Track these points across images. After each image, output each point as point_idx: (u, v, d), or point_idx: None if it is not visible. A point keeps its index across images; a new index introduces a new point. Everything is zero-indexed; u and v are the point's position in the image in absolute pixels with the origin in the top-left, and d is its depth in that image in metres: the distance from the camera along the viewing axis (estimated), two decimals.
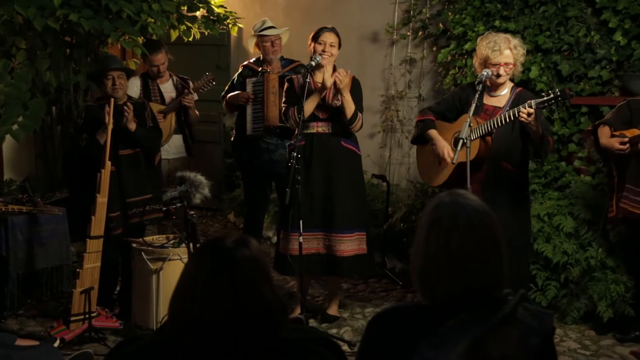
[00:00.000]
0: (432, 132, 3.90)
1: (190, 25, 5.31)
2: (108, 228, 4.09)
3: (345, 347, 3.89)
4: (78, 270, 3.93)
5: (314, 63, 4.10)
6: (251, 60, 5.13)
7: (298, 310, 4.16)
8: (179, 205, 3.58)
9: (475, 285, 1.54)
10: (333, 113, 4.16)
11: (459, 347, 1.44)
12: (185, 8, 5.22)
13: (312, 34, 4.18)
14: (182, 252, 3.87)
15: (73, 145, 4.31)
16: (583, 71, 4.74)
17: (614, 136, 3.79)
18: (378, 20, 6.10)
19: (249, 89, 4.96)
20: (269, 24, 4.97)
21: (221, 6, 5.58)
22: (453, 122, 3.90)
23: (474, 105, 3.59)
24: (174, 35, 5.32)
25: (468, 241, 1.54)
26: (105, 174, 3.96)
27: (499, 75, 3.72)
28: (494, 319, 1.50)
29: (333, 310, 4.42)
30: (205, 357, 1.54)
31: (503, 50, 3.70)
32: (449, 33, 5.57)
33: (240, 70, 5.14)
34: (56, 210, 4.18)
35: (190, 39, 5.41)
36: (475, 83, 3.72)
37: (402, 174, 6.06)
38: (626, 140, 3.72)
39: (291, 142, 4.22)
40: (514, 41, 3.75)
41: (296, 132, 4.03)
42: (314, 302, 4.71)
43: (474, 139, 3.68)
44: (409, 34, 5.97)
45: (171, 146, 5.09)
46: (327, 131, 4.20)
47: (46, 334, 3.88)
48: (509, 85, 3.83)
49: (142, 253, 3.93)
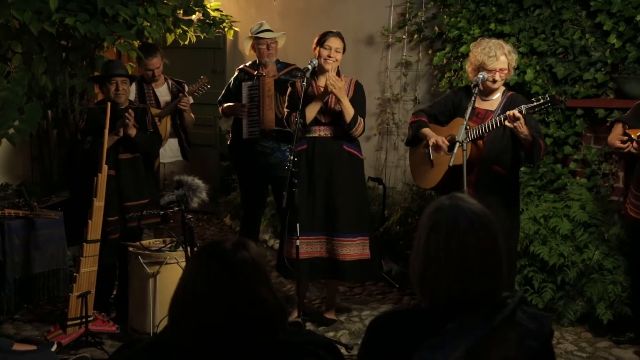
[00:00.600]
0: (426, 130, 3.92)
1: (186, 28, 5.31)
2: (105, 232, 4.09)
3: (342, 350, 3.89)
4: (75, 274, 3.92)
5: (310, 67, 4.10)
6: (247, 64, 5.13)
7: (296, 314, 4.16)
8: (177, 209, 3.58)
9: (475, 288, 1.55)
10: (335, 117, 4.17)
11: (459, 350, 1.44)
12: (181, 12, 5.22)
13: (318, 38, 4.18)
14: (179, 256, 3.86)
15: (74, 148, 4.31)
16: (578, 74, 4.75)
17: (626, 134, 3.78)
18: (374, 23, 6.12)
19: (245, 92, 4.96)
20: (266, 27, 4.98)
21: (217, 10, 5.59)
22: (445, 126, 3.92)
23: (470, 109, 3.60)
24: (170, 38, 5.32)
25: (468, 245, 1.55)
26: (102, 178, 3.95)
27: (494, 81, 3.75)
28: (494, 322, 1.50)
29: (330, 313, 4.43)
30: None
31: (499, 56, 3.72)
32: (444, 36, 5.58)
33: (236, 73, 5.14)
34: (53, 215, 4.18)
35: (187, 43, 5.41)
36: (472, 86, 3.73)
37: (398, 176, 6.07)
38: (625, 139, 3.71)
39: (290, 147, 4.22)
40: (508, 47, 3.78)
41: (295, 137, 4.03)
42: (311, 305, 4.70)
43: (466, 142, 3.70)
44: (404, 37, 5.98)
45: (167, 150, 5.09)
46: (330, 135, 4.21)
47: (43, 338, 3.87)
48: (501, 89, 3.85)
49: (139, 257, 3.93)
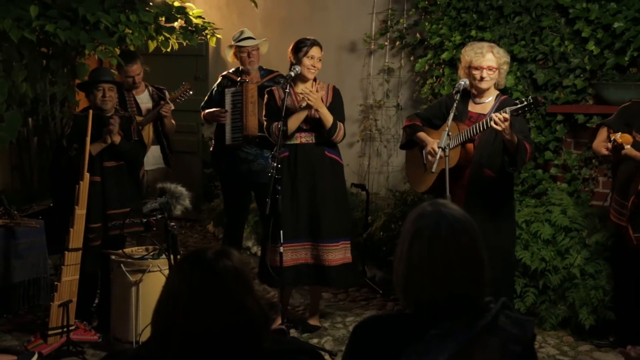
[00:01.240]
0: (422, 134, 3.93)
1: (168, 36, 5.29)
2: (88, 239, 4.06)
3: (326, 357, 3.89)
4: (56, 283, 3.89)
5: (293, 73, 4.11)
6: (230, 71, 5.13)
7: (279, 321, 4.15)
8: (159, 216, 3.56)
9: (457, 293, 1.55)
10: (316, 123, 4.17)
11: (442, 356, 1.45)
12: (164, 19, 5.21)
13: (295, 48, 4.17)
14: (162, 264, 3.84)
15: (59, 155, 4.28)
16: (558, 80, 4.80)
17: (609, 139, 3.80)
18: (356, 31, 6.14)
19: (228, 99, 4.95)
20: (247, 34, 4.97)
21: (199, 17, 5.57)
22: (439, 129, 3.93)
23: (452, 115, 3.62)
24: (152, 46, 5.30)
25: (450, 250, 1.56)
26: (84, 186, 3.93)
27: (482, 79, 3.75)
28: (477, 327, 1.51)
29: (314, 320, 4.42)
30: None
31: (485, 53, 3.75)
32: (426, 43, 5.62)
33: (219, 80, 5.13)
34: (33, 223, 4.14)
35: (169, 50, 5.39)
36: (453, 92, 3.76)
37: (381, 182, 6.09)
38: (609, 145, 3.72)
39: (273, 154, 4.22)
40: (498, 48, 3.81)
41: (278, 144, 4.03)
42: (294, 312, 4.70)
43: (454, 146, 3.71)
44: (386, 43, 6.01)
45: (149, 157, 5.06)
46: (311, 141, 4.21)
47: (23, 348, 3.83)
48: (494, 93, 3.85)
49: (122, 265, 3.90)
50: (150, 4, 5.11)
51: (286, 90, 4.07)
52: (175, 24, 5.38)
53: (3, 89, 4.46)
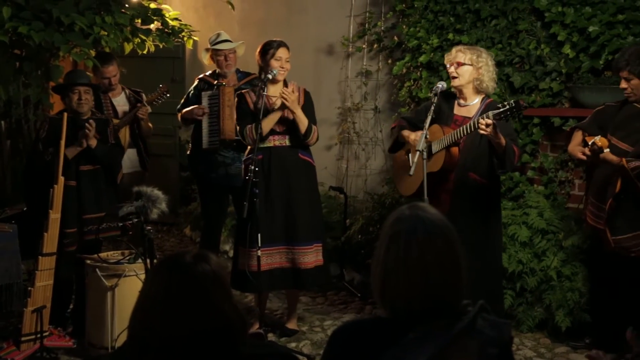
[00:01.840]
0: (405, 131, 3.95)
1: (144, 38, 5.26)
2: (63, 244, 4.02)
3: None
4: (29, 288, 3.84)
5: (270, 76, 4.11)
6: (207, 73, 5.11)
7: (257, 325, 4.14)
8: (136, 220, 3.54)
9: (434, 297, 1.56)
10: (290, 126, 4.18)
11: (420, 359, 1.46)
12: (140, 21, 5.17)
13: (262, 50, 4.18)
14: (138, 268, 3.82)
15: (34, 158, 4.23)
16: (534, 83, 4.86)
17: (584, 142, 3.84)
18: (333, 33, 6.15)
19: (205, 102, 4.94)
20: (223, 37, 4.96)
21: (176, 19, 5.54)
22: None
23: (429, 118, 3.64)
24: (128, 48, 5.27)
25: (427, 253, 1.57)
26: (59, 190, 3.89)
27: (451, 76, 3.80)
28: (455, 330, 1.52)
29: (292, 324, 4.42)
30: None
31: (455, 52, 3.80)
32: (403, 46, 5.65)
33: (195, 83, 5.11)
34: (6, 227, 4.08)
35: (145, 52, 5.36)
36: (431, 95, 3.78)
37: (360, 185, 6.10)
38: (587, 150, 3.74)
39: (248, 157, 4.21)
40: (479, 50, 3.82)
41: (252, 147, 4.02)
42: (272, 316, 4.69)
43: (438, 150, 3.73)
44: (364, 46, 6.04)
45: (125, 160, 5.01)
46: (285, 144, 4.22)
47: None
48: (480, 95, 3.87)
49: (97, 269, 3.87)
50: (126, 5, 5.07)
51: (263, 93, 4.07)
52: (152, 26, 5.34)
53: None
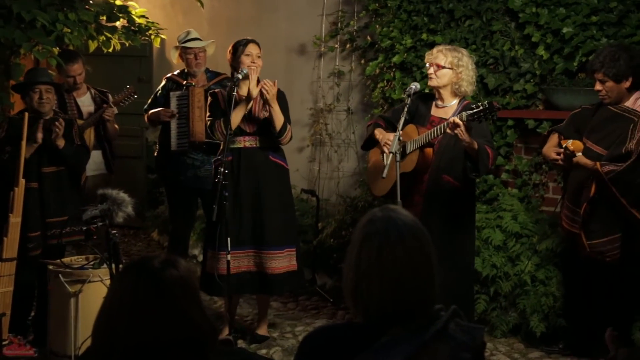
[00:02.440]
0: (378, 131, 3.95)
1: (109, 35, 5.21)
2: (27, 248, 3.97)
3: None
4: None
5: (241, 75, 4.10)
6: (175, 73, 5.08)
7: (226, 331, 4.13)
8: (101, 224, 3.50)
9: (407, 300, 1.58)
10: (261, 126, 4.17)
11: None
12: (105, 18, 5.13)
13: (232, 49, 4.18)
14: (103, 274, 3.78)
15: None
16: (508, 85, 4.92)
17: (560, 146, 3.88)
18: (305, 32, 6.16)
19: (173, 102, 4.91)
20: (193, 35, 4.94)
21: (142, 16, 5.51)
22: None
23: (402, 119, 3.66)
24: (93, 46, 5.21)
25: (399, 256, 1.58)
26: (19, 193, 3.83)
27: (429, 77, 3.83)
28: (427, 334, 1.54)
29: (262, 330, 4.41)
30: None
31: (435, 52, 3.83)
32: (376, 46, 5.68)
33: (163, 83, 5.08)
34: None
35: (110, 50, 5.31)
36: (405, 96, 3.81)
37: (332, 188, 6.12)
38: (561, 150, 3.81)
39: (217, 158, 4.20)
40: (460, 52, 3.84)
41: (222, 147, 4.01)
42: (242, 322, 4.68)
43: (411, 150, 3.76)
44: (336, 46, 6.05)
45: (90, 162, 4.94)
46: (255, 145, 4.21)
47: None
48: (456, 98, 3.89)
49: (60, 275, 3.82)
50: (91, 2, 5.03)
51: (233, 94, 4.06)
52: (117, 24, 5.30)
53: None
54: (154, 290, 1.54)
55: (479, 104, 3.51)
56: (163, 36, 5.70)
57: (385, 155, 3.91)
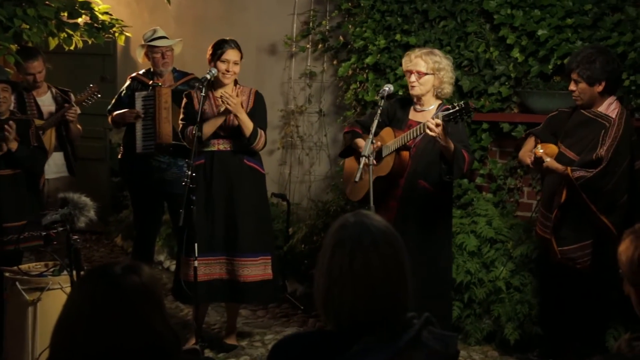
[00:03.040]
0: (359, 140, 3.95)
1: (71, 32, 5.14)
2: None
3: None
4: None
5: (208, 76, 4.07)
6: (140, 72, 5.04)
7: (193, 340, 4.10)
8: (61, 229, 3.45)
9: (379, 308, 1.58)
10: (235, 130, 4.14)
11: None
12: (66, 14, 5.06)
13: (212, 50, 4.14)
14: (64, 281, 3.72)
15: None
16: (483, 87, 4.96)
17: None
18: (276, 32, 6.15)
19: (139, 103, 4.86)
20: (160, 33, 4.90)
21: (106, 13, 5.45)
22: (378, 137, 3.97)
23: (376, 122, 3.67)
24: (53, 43, 5.14)
25: (372, 262, 1.58)
26: None
27: (412, 86, 3.83)
28: (400, 342, 1.54)
29: (231, 338, 4.39)
30: None
31: (414, 58, 3.83)
32: (349, 46, 5.69)
33: (128, 82, 5.04)
34: None
35: (72, 48, 5.25)
36: (377, 99, 3.82)
37: (303, 192, 6.11)
38: (533, 156, 3.83)
39: (187, 161, 4.16)
40: (436, 55, 3.86)
41: (193, 150, 3.98)
42: (210, 331, 4.65)
43: (387, 154, 3.76)
44: (308, 46, 6.06)
45: (51, 165, 4.91)
46: (229, 149, 4.18)
47: None
48: (437, 102, 3.91)
49: (17, 283, 3.75)
50: None
51: (202, 94, 4.03)
52: (79, 20, 5.24)
53: None
54: (114, 298, 1.53)
55: (455, 104, 3.53)
56: (128, 34, 5.64)
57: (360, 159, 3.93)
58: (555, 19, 4.67)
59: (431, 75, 3.82)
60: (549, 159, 3.67)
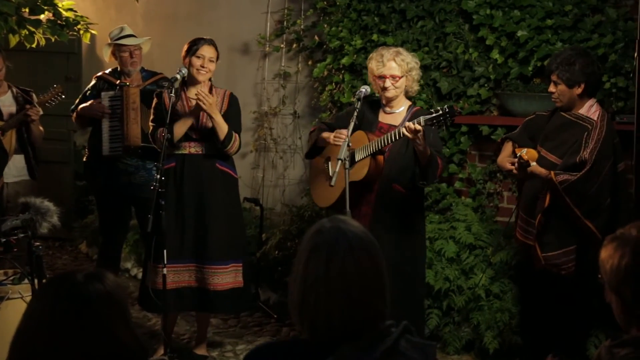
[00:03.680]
0: (325, 133, 3.93)
1: (33, 29, 5.08)
2: None
3: None
4: None
5: (179, 76, 4.05)
6: (107, 71, 4.99)
7: (161, 351, 4.08)
8: (22, 235, 3.41)
9: (356, 316, 1.57)
10: (207, 132, 4.12)
11: None
12: (27, 10, 5.00)
13: (188, 46, 4.13)
14: (24, 290, 3.67)
15: None
16: (462, 89, 4.99)
17: (514, 154, 3.93)
18: (249, 31, 6.15)
19: (106, 103, 4.82)
20: (128, 31, 4.87)
21: (70, 9, 5.39)
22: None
23: (352, 124, 3.67)
24: (14, 40, 5.08)
25: (348, 269, 1.57)
26: None
27: (385, 89, 3.83)
28: (376, 352, 1.53)
29: (201, 349, 4.37)
30: None
31: (386, 61, 3.82)
32: (325, 46, 5.70)
33: (93, 82, 4.99)
34: None
35: (34, 46, 5.19)
36: (354, 100, 3.82)
37: (277, 197, 6.10)
38: (516, 160, 3.86)
39: (156, 164, 4.13)
40: (404, 54, 3.87)
41: (163, 153, 3.94)
42: (179, 341, 4.62)
43: (362, 158, 3.76)
44: (282, 46, 6.05)
45: (11, 168, 4.85)
46: (201, 152, 4.16)
47: None
48: (406, 103, 3.93)
49: None
50: None
51: (171, 95, 4.00)
52: (42, 17, 5.18)
53: None
54: (75, 307, 1.51)
55: (438, 108, 3.54)
56: (93, 31, 5.60)
57: (330, 163, 3.92)
58: (535, 20, 4.71)
59: (404, 77, 3.84)
60: (534, 164, 3.70)
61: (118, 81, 4.86)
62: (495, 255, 4.46)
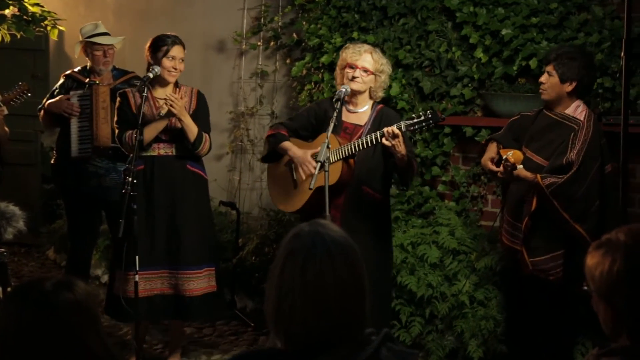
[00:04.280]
0: (286, 143, 3.93)
1: None
2: None
3: None
4: None
5: (151, 75, 4.04)
6: (75, 70, 4.97)
7: None
8: None
9: (335, 323, 1.57)
10: (177, 133, 4.11)
11: None
12: None
13: (153, 46, 4.11)
14: None
15: None
16: (445, 89, 5.01)
17: (499, 155, 3.95)
18: (224, 28, 6.14)
19: (74, 103, 4.79)
20: (102, 29, 4.83)
21: (37, 4, 5.36)
22: (310, 141, 3.97)
23: (332, 125, 3.67)
24: None
25: (326, 274, 1.57)
26: None
27: (354, 79, 3.82)
28: None
29: (175, 358, 4.36)
30: None
31: (363, 52, 3.85)
32: (303, 44, 5.71)
33: (62, 80, 4.96)
34: None
35: None
36: (334, 100, 3.82)
37: (254, 200, 6.10)
38: (501, 167, 3.84)
39: (127, 167, 4.11)
40: (380, 54, 3.91)
41: (132, 155, 3.93)
42: (152, 351, 4.61)
43: (335, 161, 3.77)
44: (259, 44, 6.05)
45: None
46: (171, 153, 4.16)
47: None
48: (369, 102, 3.96)
49: None
50: None
51: (144, 94, 3.99)
52: (7, 12, 5.15)
53: None
54: (43, 316, 1.50)
55: (421, 113, 3.54)
56: (62, 28, 5.57)
57: (294, 166, 3.93)
58: (520, 18, 4.74)
59: (373, 75, 3.86)
60: (520, 166, 3.72)
61: (87, 79, 4.84)
62: (479, 261, 4.48)
